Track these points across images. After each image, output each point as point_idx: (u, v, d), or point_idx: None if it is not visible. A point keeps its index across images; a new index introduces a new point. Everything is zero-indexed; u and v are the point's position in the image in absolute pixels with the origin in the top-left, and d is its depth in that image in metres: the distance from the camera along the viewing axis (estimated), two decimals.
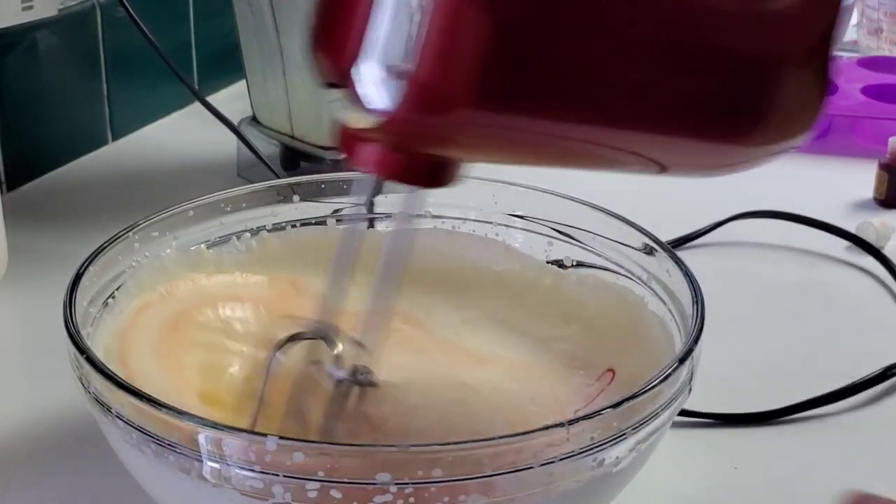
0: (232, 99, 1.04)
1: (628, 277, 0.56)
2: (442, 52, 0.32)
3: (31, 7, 0.83)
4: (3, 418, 0.57)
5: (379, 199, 0.59)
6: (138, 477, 0.45)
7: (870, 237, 0.78)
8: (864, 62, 1.11)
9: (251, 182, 0.86)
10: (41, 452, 0.55)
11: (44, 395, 0.59)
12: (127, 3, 0.79)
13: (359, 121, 0.35)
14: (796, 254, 0.79)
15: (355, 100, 0.34)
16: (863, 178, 0.88)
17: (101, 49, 0.93)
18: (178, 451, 0.40)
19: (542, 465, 0.39)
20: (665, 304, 0.52)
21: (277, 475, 0.38)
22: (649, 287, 0.54)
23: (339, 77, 0.34)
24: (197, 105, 0.81)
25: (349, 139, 0.37)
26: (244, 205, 0.58)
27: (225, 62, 1.06)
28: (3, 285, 0.71)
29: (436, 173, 0.38)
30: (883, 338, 0.68)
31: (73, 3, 0.89)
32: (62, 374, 0.48)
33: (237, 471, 0.39)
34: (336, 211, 0.60)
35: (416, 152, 0.37)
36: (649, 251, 0.54)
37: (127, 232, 0.53)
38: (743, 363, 0.63)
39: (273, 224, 0.59)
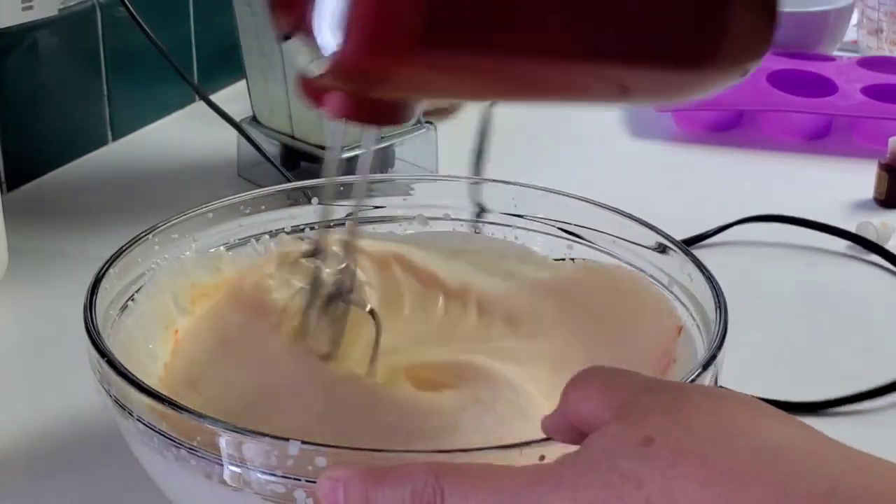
0: (232, 99, 1.04)
1: (650, 279, 0.56)
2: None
3: (31, 7, 0.83)
4: (2, 418, 0.57)
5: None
6: (158, 480, 0.45)
7: (869, 237, 0.79)
8: (864, 62, 1.11)
9: (252, 182, 0.87)
10: (42, 453, 0.55)
11: (44, 394, 0.59)
12: (128, 3, 0.79)
13: (316, 69, 0.36)
14: (800, 254, 0.79)
15: (311, 47, 0.35)
16: (863, 178, 0.89)
17: (102, 49, 0.93)
18: (199, 455, 0.39)
19: None
20: (687, 308, 0.52)
21: (299, 479, 0.38)
22: (671, 291, 0.54)
23: (296, 26, 0.36)
24: (197, 105, 0.81)
25: (310, 87, 0.38)
26: (263, 207, 0.58)
27: (225, 62, 1.06)
28: (3, 285, 0.71)
29: (390, 112, 0.39)
30: (886, 336, 0.68)
31: (73, 3, 0.89)
32: (62, 374, 0.48)
33: (259, 475, 0.38)
34: (348, 215, 0.60)
35: (372, 94, 0.37)
36: (662, 249, 0.54)
37: (147, 234, 0.53)
38: (748, 361, 0.63)
39: (291, 226, 0.59)
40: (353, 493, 0.35)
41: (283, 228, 0.59)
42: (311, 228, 0.59)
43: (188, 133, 0.99)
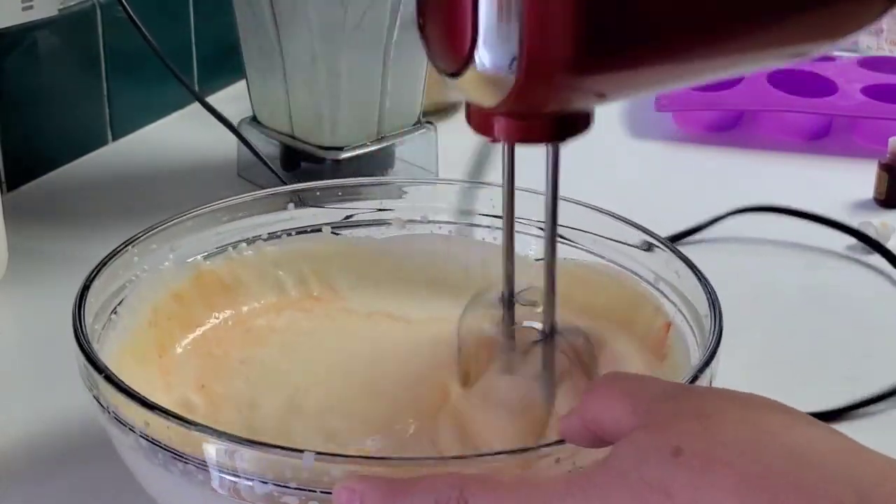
0: (232, 99, 1.04)
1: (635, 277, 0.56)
2: (544, 20, 0.34)
3: (31, 7, 0.83)
4: (2, 418, 0.57)
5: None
6: (159, 494, 0.45)
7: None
8: (864, 62, 1.11)
9: (251, 182, 0.87)
10: (41, 454, 0.55)
11: (44, 395, 0.59)
12: (126, 4, 0.79)
13: (486, 100, 0.38)
14: (795, 250, 0.79)
15: (479, 82, 0.37)
16: (863, 178, 0.88)
17: (101, 49, 0.93)
18: (203, 468, 0.39)
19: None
20: (675, 304, 0.52)
21: (314, 490, 0.37)
22: (657, 288, 0.54)
23: (461, 65, 0.37)
24: (197, 105, 0.81)
25: (481, 118, 0.40)
26: (240, 214, 0.58)
27: (225, 62, 1.06)
28: (3, 285, 0.71)
29: (568, 126, 0.40)
30: (884, 335, 0.68)
31: (73, 3, 0.89)
32: (62, 375, 0.48)
33: (272, 487, 0.38)
34: (347, 217, 0.60)
35: (545, 113, 0.39)
36: (648, 247, 0.54)
37: (126, 245, 0.53)
38: (740, 361, 0.63)
39: (268, 233, 0.59)
40: None
41: (261, 235, 0.59)
42: (288, 235, 0.59)
43: (188, 133, 0.99)
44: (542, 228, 0.59)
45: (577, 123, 0.41)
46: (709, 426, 0.32)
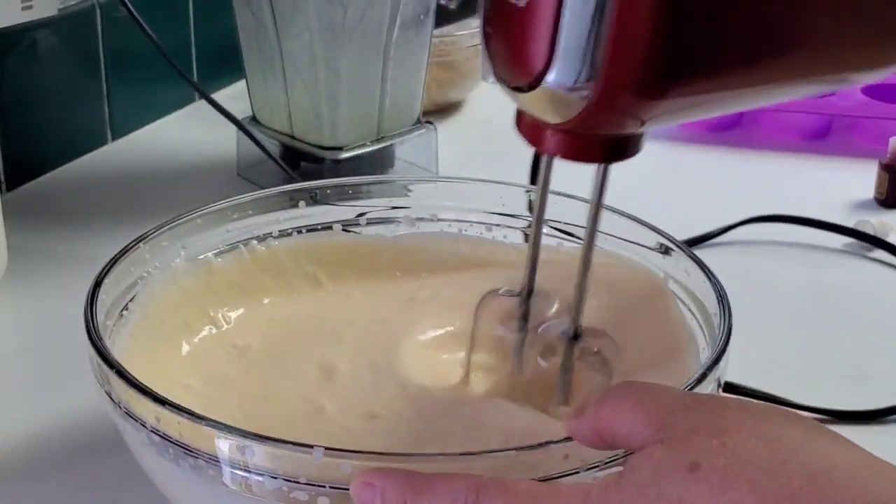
0: (232, 99, 1.04)
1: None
2: (629, 43, 0.34)
3: (30, 7, 0.83)
4: (2, 418, 0.57)
5: None
6: (169, 490, 0.45)
7: None
8: None
9: (251, 182, 0.87)
10: (43, 454, 0.55)
11: (44, 394, 0.59)
12: (128, 3, 0.79)
13: (552, 117, 0.37)
14: (806, 254, 0.79)
15: (549, 100, 0.37)
16: (863, 177, 0.89)
17: (101, 49, 0.93)
18: (217, 464, 0.39)
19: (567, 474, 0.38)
20: (686, 304, 0.52)
21: (323, 486, 0.37)
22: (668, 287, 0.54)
23: (532, 81, 0.37)
24: (197, 104, 0.81)
25: (535, 131, 0.40)
26: (250, 212, 0.58)
27: (225, 62, 1.05)
28: (3, 285, 0.71)
29: (620, 148, 0.40)
30: (888, 332, 0.68)
31: (73, 2, 0.89)
32: (61, 374, 0.48)
33: (281, 482, 0.38)
34: (360, 214, 0.60)
35: (597, 134, 0.39)
36: (665, 250, 0.54)
37: (137, 243, 0.53)
38: (753, 360, 0.63)
39: (279, 231, 0.59)
40: (391, 501, 0.35)
41: (271, 233, 0.59)
42: (299, 232, 0.59)
43: (188, 133, 0.99)
44: (554, 228, 0.59)
45: (629, 146, 0.40)
46: (726, 442, 0.32)
